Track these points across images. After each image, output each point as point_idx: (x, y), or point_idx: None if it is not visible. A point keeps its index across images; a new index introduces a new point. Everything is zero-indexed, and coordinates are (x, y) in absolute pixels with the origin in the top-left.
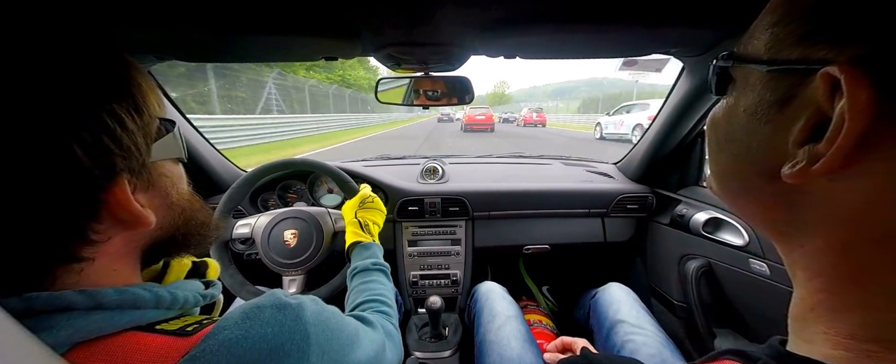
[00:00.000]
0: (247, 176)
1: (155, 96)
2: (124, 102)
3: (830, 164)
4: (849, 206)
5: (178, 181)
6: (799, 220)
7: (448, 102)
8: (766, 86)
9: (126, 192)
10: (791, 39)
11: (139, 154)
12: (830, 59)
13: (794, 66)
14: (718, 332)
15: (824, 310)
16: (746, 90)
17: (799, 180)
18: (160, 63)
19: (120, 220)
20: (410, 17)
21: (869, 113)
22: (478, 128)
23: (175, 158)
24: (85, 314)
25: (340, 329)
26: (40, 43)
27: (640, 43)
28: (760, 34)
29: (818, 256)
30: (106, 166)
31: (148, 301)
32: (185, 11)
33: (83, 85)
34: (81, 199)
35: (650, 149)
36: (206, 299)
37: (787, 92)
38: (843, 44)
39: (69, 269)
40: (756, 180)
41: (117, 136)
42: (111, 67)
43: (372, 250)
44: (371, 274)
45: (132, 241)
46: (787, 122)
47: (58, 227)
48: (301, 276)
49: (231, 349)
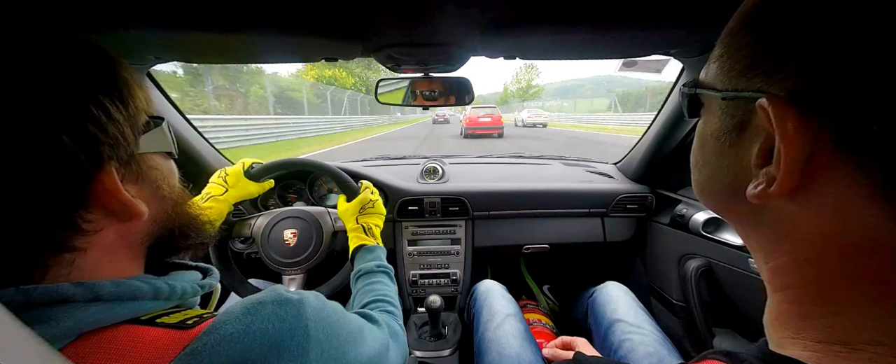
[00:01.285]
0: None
1: (142, 92)
2: (109, 93)
3: (783, 186)
4: (807, 224)
5: (169, 175)
6: (765, 237)
7: (447, 103)
8: (726, 112)
9: (115, 181)
10: (735, 71)
11: (126, 144)
12: (765, 90)
13: (739, 94)
14: (718, 331)
15: (788, 318)
16: (711, 116)
17: (761, 201)
18: (160, 63)
19: (110, 210)
20: (410, 18)
21: (801, 140)
22: (482, 132)
23: (165, 153)
24: (84, 306)
25: (342, 326)
26: (26, 37)
27: (639, 44)
28: (714, 63)
29: (784, 271)
30: (92, 153)
31: (146, 292)
32: (185, 11)
33: (68, 75)
34: (69, 186)
35: (650, 149)
36: (204, 289)
37: (742, 118)
38: (774, 76)
39: (61, 260)
40: (728, 199)
41: (102, 124)
42: (95, 61)
43: (376, 253)
44: (375, 276)
45: (128, 235)
46: (746, 146)
47: (45, 214)
48: (301, 275)
49: (231, 344)
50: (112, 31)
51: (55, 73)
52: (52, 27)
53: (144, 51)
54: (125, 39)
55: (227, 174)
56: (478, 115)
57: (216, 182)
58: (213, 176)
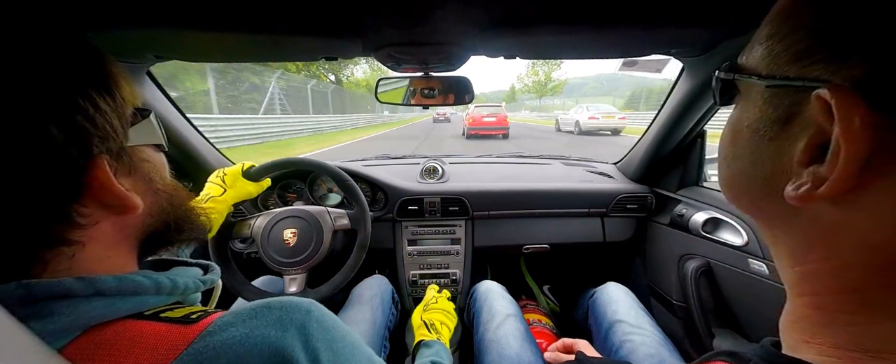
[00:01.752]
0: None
1: (128, 84)
2: (95, 86)
3: (835, 188)
4: (851, 229)
5: (160, 168)
6: (797, 241)
7: (447, 102)
8: (768, 102)
9: (107, 173)
10: (787, 55)
11: (116, 136)
12: (825, 79)
13: (790, 83)
14: (717, 331)
15: (808, 323)
16: (749, 105)
17: (803, 203)
18: (160, 62)
19: (105, 203)
20: (410, 17)
21: (866, 138)
22: (486, 133)
23: (155, 145)
24: (85, 301)
25: (343, 338)
26: (12, 31)
27: (639, 43)
28: (759, 46)
29: (811, 277)
30: (82, 145)
31: (148, 287)
32: (185, 11)
33: (54, 69)
34: (60, 179)
35: (650, 149)
36: (205, 285)
37: (788, 109)
38: (839, 63)
39: (60, 254)
40: (760, 198)
41: (91, 115)
42: (81, 54)
43: (434, 349)
44: None
45: (124, 228)
46: (790, 141)
47: (38, 207)
48: (301, 274)
49: (233, 347)
50: (112, 29)
51: (42, 65)
52: (37, 22)
53: (144, 49)
54: (125, 38)
55: (225, 174)
56: (482, 114)
57: (214, 183)
58: (212, 176)
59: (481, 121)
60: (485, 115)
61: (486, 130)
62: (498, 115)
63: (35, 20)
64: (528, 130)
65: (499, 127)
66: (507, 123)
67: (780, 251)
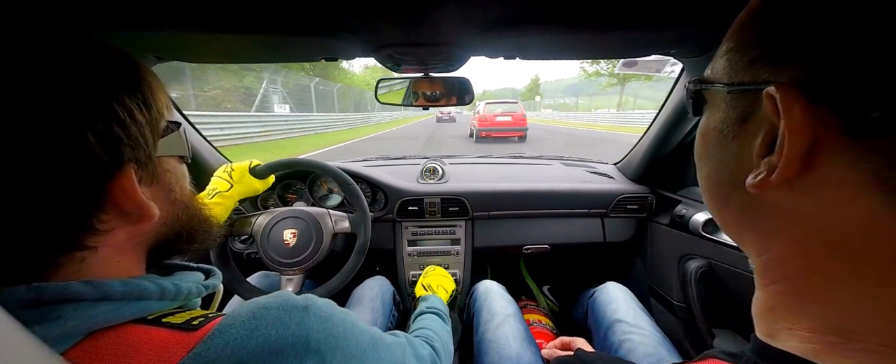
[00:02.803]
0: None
1: (164, 97)
2: (134, 96)
3: (784, 173)
4: (805, 213)
5: (181, 179)
6: (760, 231)
7: (447, 103)
8: (730, 105)
9: (133, 182)
10: (742, 63)
11: (146, 146)
12: (772, 80)
13: (745, 87)
14: (718, 332)
15: (784, 310)
16: (714, 110)
17: (759, 189)
18: (161, 63)
19: (124, 211)
20: (410, 18)
21: (806, 126)
22: (500, 135)
23: (179, 157)
24: (92, 305)
25: (348, 338)
26: (58, 40)
27: (639, 44)
28: (721, 59)
29: (778, 263)
30: (115, 154)
31: (153, 292)
32: (185, 12)
33: (96, 77)
34: (89, 186)
35: (650, 149)
36: (207, 289)
37: (745, 110)
38: (782, 66)
39: (72, 258)
40: (728, 192)
41: (126, 125)
42: (122, 63)
43: (430, 301)
44: (424, 317)
45: (137, 236)
46: (749, 138)
47: (65, 213)
48: (300, 275)
49: (234, 349)
50: (112, 30)
51: (84, 72)
52: (79, 29)
53: (145, 50)
54: (125, 39)
55: (233, 170)
56: (494, 112)
57: (222, 178)
58: (219, 171)
59: (494, 120)
60: (498, 113)
61: (500, 132)
62: (514, 113)
63: (41, 23)
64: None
65: (515, 128)
66: (524, 123)
67: (747, 244)
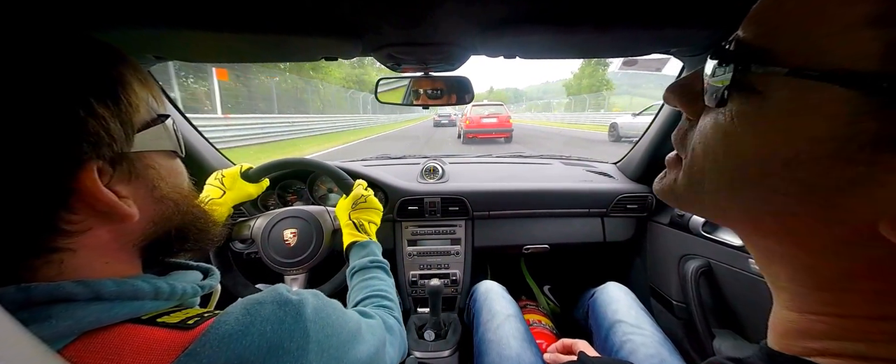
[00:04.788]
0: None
1: (144, 89)
2: (94, 89)
3: None
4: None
5: (169, 175)
6: (840, 269)
7: (447, 102)
8: (860, 114)
9: (94, 180)
10: None
11: (113, 142)
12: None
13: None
14: (718, 332)
15: (831, 341)
16: (801, 111)
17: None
18: (160, 62)
19: (97, 210)
20: (410, 17)
21: None
22: (485, 136)
23: (168, 152)
24: (84, 304)
25: (341, 325)
26: (7, 31)
27: (639, 43)
28: (845, 35)
29: (844, 302)
30: (70, 151)
31: (147, 292)
32: (185, 11)
33: (48, 71)
34: (45, 186)
35: (650, 149)
36: (204, 289)
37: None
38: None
39: (49, 261)
40: (813, 225)
41: (83, 121)
42: (85, 56)
43: (369, 248)
44: (370, 271)
45: (122, 236)
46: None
47: (23, 215)
48: (302, 275)
49: (230, 345)
50: (111, 30)
51: (32, 67)
52: (38, 23)
53: (144, 50)
54: (124, 38)
55: (224, 176)
56: (480, 114)
57: (213, 185)
58: (210, 178)
59: (480, 122)
60: (483, 115)
61: (486, 133)
62: (499, 114)
63: (37, 21)
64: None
65: (500, 129)
66: (510, 125)
67: (782, 277)
